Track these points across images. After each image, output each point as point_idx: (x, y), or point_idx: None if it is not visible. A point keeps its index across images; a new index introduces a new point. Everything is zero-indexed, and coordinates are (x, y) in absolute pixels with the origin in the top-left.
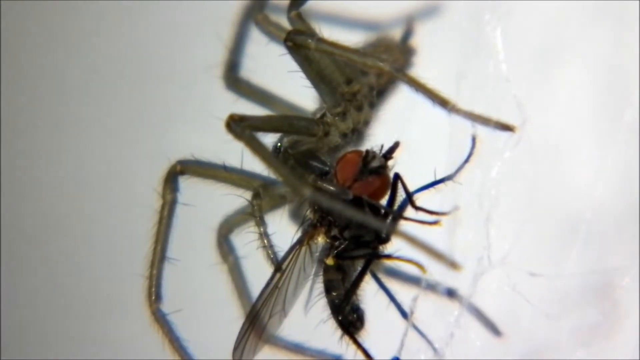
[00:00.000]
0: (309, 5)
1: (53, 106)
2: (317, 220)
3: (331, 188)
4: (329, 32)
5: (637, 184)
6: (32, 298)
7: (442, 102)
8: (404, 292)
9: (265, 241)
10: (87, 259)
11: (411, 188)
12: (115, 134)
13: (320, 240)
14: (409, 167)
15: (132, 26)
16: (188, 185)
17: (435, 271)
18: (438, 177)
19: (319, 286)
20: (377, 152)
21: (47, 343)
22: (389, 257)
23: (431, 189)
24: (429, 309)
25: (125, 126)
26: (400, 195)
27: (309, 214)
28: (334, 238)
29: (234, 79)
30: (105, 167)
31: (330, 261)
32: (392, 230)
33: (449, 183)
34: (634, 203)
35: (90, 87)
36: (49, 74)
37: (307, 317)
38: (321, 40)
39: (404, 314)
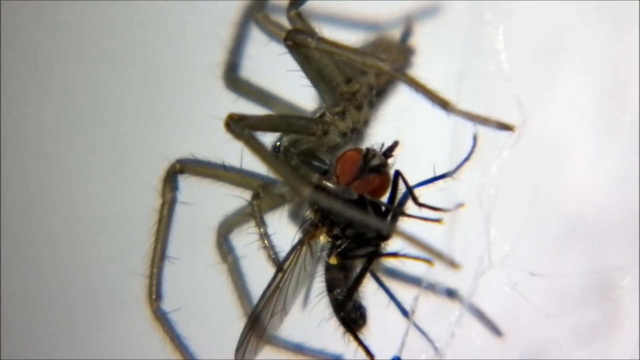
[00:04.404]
0: (308, 5)
1: (53, 105)
2: (319, 220)
3: (335, 188)
4: (328, 32)
5: (637, 184)
6: (32, 298)
7: (442, 103)
8: (405, 292)
9: (266, 242)
10: (87, 257)
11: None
12: (115, 133)
13: (322, 239)
14: (409, 168)
15: (132, 26)
16: (187, 184)
17: (436, 271)
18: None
19: (319, 285)
20: (377, 150)
21: (47, 343)
22: (394, 255)
23: (432, 187)
24: (429, 309)
25: (125, 125)
26: (402, 192)
27: (309, 213)
28: (336, 237)
29: (233, 79)
30: (104, 166)
31: (333, 260)
32: (392, 228)
33: (449, 183)
34: (634, 203)
35: (90, 87)
36: (48, 73)
37: (308, 317)
38: (321, 40)
39: (405, 314)
